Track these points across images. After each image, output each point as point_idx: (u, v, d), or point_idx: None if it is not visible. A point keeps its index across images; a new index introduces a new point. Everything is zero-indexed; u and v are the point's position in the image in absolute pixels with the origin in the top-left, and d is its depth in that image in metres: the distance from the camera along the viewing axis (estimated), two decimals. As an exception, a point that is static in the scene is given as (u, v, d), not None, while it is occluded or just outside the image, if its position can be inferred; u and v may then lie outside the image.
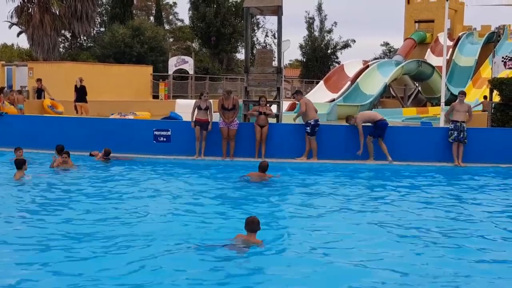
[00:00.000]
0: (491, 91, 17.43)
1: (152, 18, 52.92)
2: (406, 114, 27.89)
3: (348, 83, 32.08)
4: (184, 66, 32.13)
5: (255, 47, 46.85)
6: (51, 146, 13.02)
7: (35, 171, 11.41)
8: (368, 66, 33.34)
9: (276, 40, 22.81)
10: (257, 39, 53.43)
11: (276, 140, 13.89)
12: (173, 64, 32.06)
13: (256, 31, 52.10)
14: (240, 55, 52.28)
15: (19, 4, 33.33)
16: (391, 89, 34.20)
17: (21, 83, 27.50)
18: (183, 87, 33.96)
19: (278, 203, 9.49)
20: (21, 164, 10.71)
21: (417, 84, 35.60)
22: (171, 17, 61.10)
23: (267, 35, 54.53)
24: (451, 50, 37.86)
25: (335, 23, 53.87)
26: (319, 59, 52.67)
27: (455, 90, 29.67)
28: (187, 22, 53.46)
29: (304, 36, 54.51)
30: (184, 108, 17.92)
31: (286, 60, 60.69)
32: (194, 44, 52.73)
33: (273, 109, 15.03)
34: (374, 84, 31.01)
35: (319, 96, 30.64)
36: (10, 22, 34.94)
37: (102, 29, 48.54)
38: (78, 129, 14.88)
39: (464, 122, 13.36)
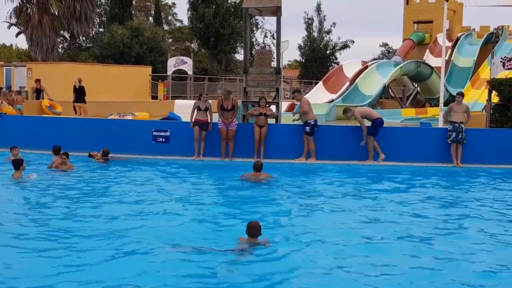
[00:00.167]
0: (490, 92, 17.45)
1: (151, 19, 52.94)
2: (405, 115, 27.96)
3: (347, 83, 32.15)
4: (183, 67, 32.14)
5: (254, 48, 46.88)
6: (50, 146, 13.00)
7: (32, 171, 11.41)
8: (367, 67, 33.41)
9: (275, 41, 22.83)
10: (256, 39, 53.56)
11: (275, 140, 13.90)
12: (172, 64, 32.08)
13: (255, 31, 52.19)
14: (239, 56, 52.36)
15: (18, 5, 33.36)
16: (390, 89, 34.27)
17: (20, 84, 27.51)
18: (182, 87, 33.96)
19: (277, 203, 9.48)
20: (18, 164, 10.69)
21: (416, 85, 35.68)
22: (170, 17, 61.14)
23: (266, 36, 54.70)
24: (450, 51, 37.92)
25: (334, 23, 53.97)
26: (318, 60, 52.72)
27: (453, 91, 29.70)
28: (186, 22, 53.59)
29: (303, 37, 54.67)
30: (183, 108, 17.94)
31: (285, 61, 60.72)
32: (193, 45, 52.78)
33: (272, 109, 15.04)
34: (373, 84, 31.07)
35: (318, 97, 30.70)
36: (9, 22, 34.98)
37: (101, 29, 48.55)
38: (77, 129, 14.87)
39: (462, 123, 13.37)
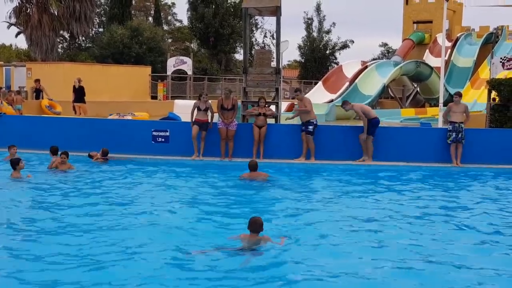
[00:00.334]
0: (490, 92, 17.45)
1: (150, 19, 52.90)
2: (405, 115, 27.97)
3: (347, 83, 32.16)
4: (183, 67, 32.13)
5: (254, 48, 46.89)
6: (50, 146, 12.98)
7: (31, 172, 11.39)
8: (366, 67, 33.42)
9: (274, 41, 22.83)
10: (255, 39, 53.50)
11: (274, 140, 13.89)
12: (171, 64, 32.06)
13: (254, 31, 52.15)
14: (239, 56, 52.36)
15: (17, 5, 33.34)
16: (389, 89, 34.30)
17: (19, 84, 27.50)
18: (181, 87, 33.95)
19: (276, 203, 9.46)
20: (15, 163, 10.65)
21: (415, 85, 35.69)
22: (169, 17, 61.11)
23: (265, 36, 54.68)
24: (449, 51, 37.93)
25: (334, 23, 54.03)
26: (317, 60, 52.72)
27: (453, 91, 29.53)
28: (185, 22, 53.58)
29: (302, 37, 54.73)
30: (183, 108, 17.92)
31: (284, 61, 60.63)
32: (192, 45, 52.76)
33: (272, 109, 15.03)
34: (372, 84, 31.08)
35: (318, 97, 30.68)
36: (8, 22, 34.97)
37: (101, 29, 48.56)
38: (76, 129, 14.85)
39: (462, 123, 13.37)
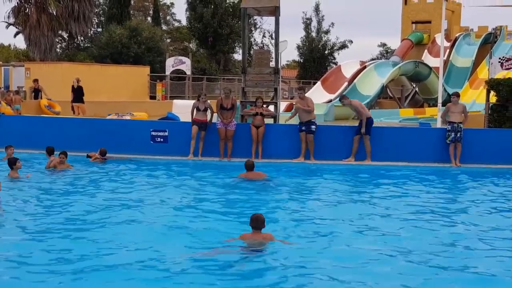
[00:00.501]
0: (488, 92, 17.46)
1: (149, 19, 52.87)
2: (403, 115, 27.96)
3: (345, 83, 32.12)
4: (181, 67, 32.10)
5: (253, 48, 46.88)
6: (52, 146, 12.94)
7: (30, 171, 11.38)
8: (365, 67, 33.38)
9: (273, 41, 22.82)
10: (254, 39, 53.50)
11: (273, 140, 13.89)
12: (170, 64, 32.02)
13: (253, 31, 52.13)
14: (238, 56, 52.35)
15: (16, 5, 33.33)
16: (388, 89, 34.28)
17: (18, 84, 27.43)
18: (180, 87, 33.93)
19: (276, 203, 9.45)
20: (12, 163, 10.63)
21: (414, 85, 35.68)
22: (168, 17, 61.07)
23: (264, 36, 54.67)
24: (448, 51, 37.92)
25: (332, 23, 54.23)
26: (316, 60, 52.74)
27: (452, 91, 29.70)
28: (184, 22, 53.59)
29: (301, 37, 54.81)
30: (181, 108, 17.92)
31: (283, 61, 60.77)
32: (191, 45, 52.73)
33: (270, 109, 15.03)
34: (371, 84, 31.05)
35: (316, 97, 30.57)
36: (7, 22, 34.99)
37: (99, 29, 48.52)
38: (75, 129, 14.83)
39: (461, 123, 13.38)
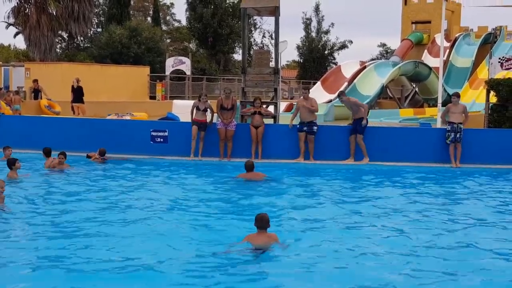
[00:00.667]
0: (488, 92, 17.45)
1: (149, 19, 52.87)
2: (403, 115, 27.95)
3: (345, 84, 32.10)
4: (181, 67, 32.10)
5: (252, 48, 46.89)
6: (49, 147, 12.95)
7: (29, 172, 11.37)
8: (365, 67, 33.38)
9: (273, 41, 22.83)
10: (254, 40, 53.51)
11: (272, 141, 13.89)
12: (170, 64, 32.02)
13: (253, 32, 52.13)
14: (238, 56, 52.34)
15: (16, 5, 33.30)
16: (388, 90, 34.28)
17: (18, 84, 27.43)
18: (180, 87, 33.91)
19: (276, 203, 9.41)
20: (11, 163, 10.63)
21: (414, 85, 35.68)
22: (168, 17, 61.07)
23: (264, 36, 54.68)
24: (448, 51, 37.91)
25: (332, 24, 54.27)
26: (316, 60, 52.74)
27: (451, 91, 29.69)
28: (184, 22, 53.56)
29: (301, 37, 54.82)
30: (181, 108, 17.91)
31: (283, 61, 60.78)
32: (191, 45, 52.71)
33: (270, 109, 15.04)
34: (371, 85, 31.05)
35: (316, 97, 30.35)
36: (7, 22, 34.98)
37: (99, 29, 48.50)
38: (75, 129, 14.84)
39: (461, 124, 13.38)
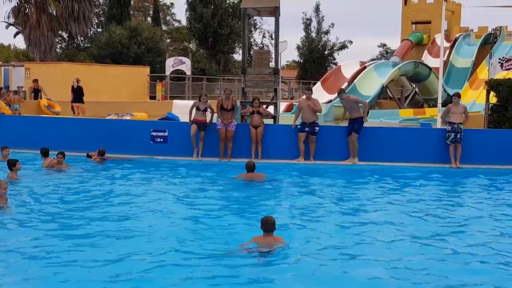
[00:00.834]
0: (488, 93, 17.45)
1: (149, 19, 52.87)
2: (403, 115, 27.95)
3: (345, 84, 32.11)
4: (181, 67, 32.10)
5: (253, 48, 46.90)
6: (49, 146, 12.95)
7: (27, 172, 11.35)
8: (365, 67, 33.38)
9: (273, 41, 22.83)
10: (254, 40, 53.53)
11: (272, 141, 13.88)
12: (170, 64, 32.02)
13: (253, 32, 52.15)
14: (238, 56, 52.35)
15: (16, 5, 33.31)
16: (388, 90, 34.29)
17: (18, 84, 27.44)
18: (180, 87, 33.92)
19: (276, 204, 9.46)
20: (11, 164, 10.61)
21: (414, 85, 35.69)
22: (168, 17, 61.07)
23: (264, 36, 54.72)
24: (448, 51, 37.93)
25: (332, 24, 54.34)
26: (316, 60, 52.76)
27: (451, 91, 29.69)
28: (184, 22, 53.58)
29: (301, 37, 54.89)
30: (181, 108, 17.89)
31: (283, 61, 60.83)
32: (191, 45, 52.71)
33: (270, 110, 15.04)
34: (371, 85, 31.06)
35: (316, 97, 30.48)
36: (7, 22, 34.97)
37: (99, 29, 48.52)
38: (75, 129, 14.84)
39: (461, 124, 13.38)
